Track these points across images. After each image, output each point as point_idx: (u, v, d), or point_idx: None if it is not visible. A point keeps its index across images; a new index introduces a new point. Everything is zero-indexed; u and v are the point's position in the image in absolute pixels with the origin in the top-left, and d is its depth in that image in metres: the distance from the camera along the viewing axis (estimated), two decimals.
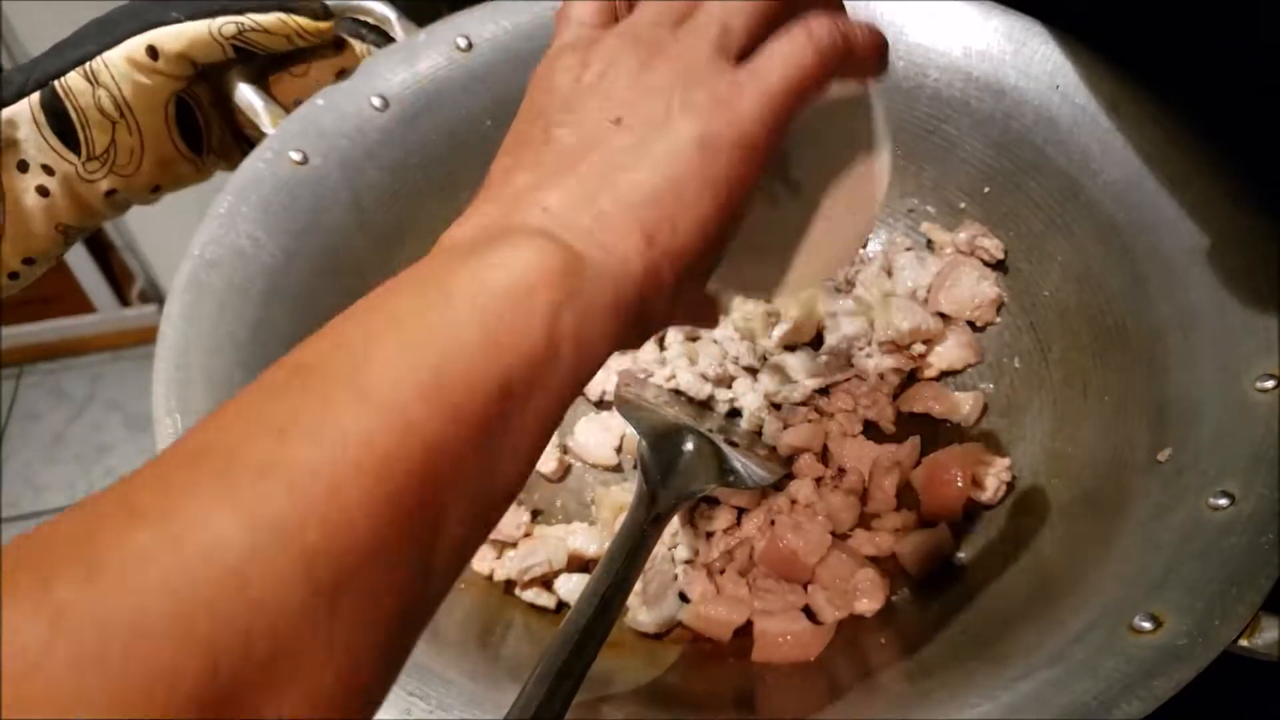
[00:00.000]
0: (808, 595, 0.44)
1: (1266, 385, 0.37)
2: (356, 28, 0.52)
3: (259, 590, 0.16)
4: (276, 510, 0.17)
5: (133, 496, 0.17)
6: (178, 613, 0.15)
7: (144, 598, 0.15)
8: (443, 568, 0.20)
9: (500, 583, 0.46)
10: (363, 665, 0.18)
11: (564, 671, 0.33)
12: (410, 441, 0.19)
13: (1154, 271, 0.44)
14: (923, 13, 0.52)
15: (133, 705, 0.14)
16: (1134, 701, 0.30)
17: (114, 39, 0.46)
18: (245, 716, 0.16)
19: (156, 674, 0.15)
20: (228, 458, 0.18)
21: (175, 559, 0.16)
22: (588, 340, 0.23)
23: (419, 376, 0.20)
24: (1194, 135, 0.44)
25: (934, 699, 0.34)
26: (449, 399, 0.20)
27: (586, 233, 0.24)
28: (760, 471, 0.45)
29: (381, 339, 0.20)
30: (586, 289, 0.23)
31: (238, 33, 0.46)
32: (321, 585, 0.17)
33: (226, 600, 0.16)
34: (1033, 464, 0.46)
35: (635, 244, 0.24)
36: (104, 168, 0.48)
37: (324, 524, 0.17)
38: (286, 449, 0.18)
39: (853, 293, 0.54)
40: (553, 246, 0.23)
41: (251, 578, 0.16)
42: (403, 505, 0.18)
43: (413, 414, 0.19)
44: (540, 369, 0.22)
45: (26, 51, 1.22)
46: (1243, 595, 0.32)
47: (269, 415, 0.19)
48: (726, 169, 0.25)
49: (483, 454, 0.20)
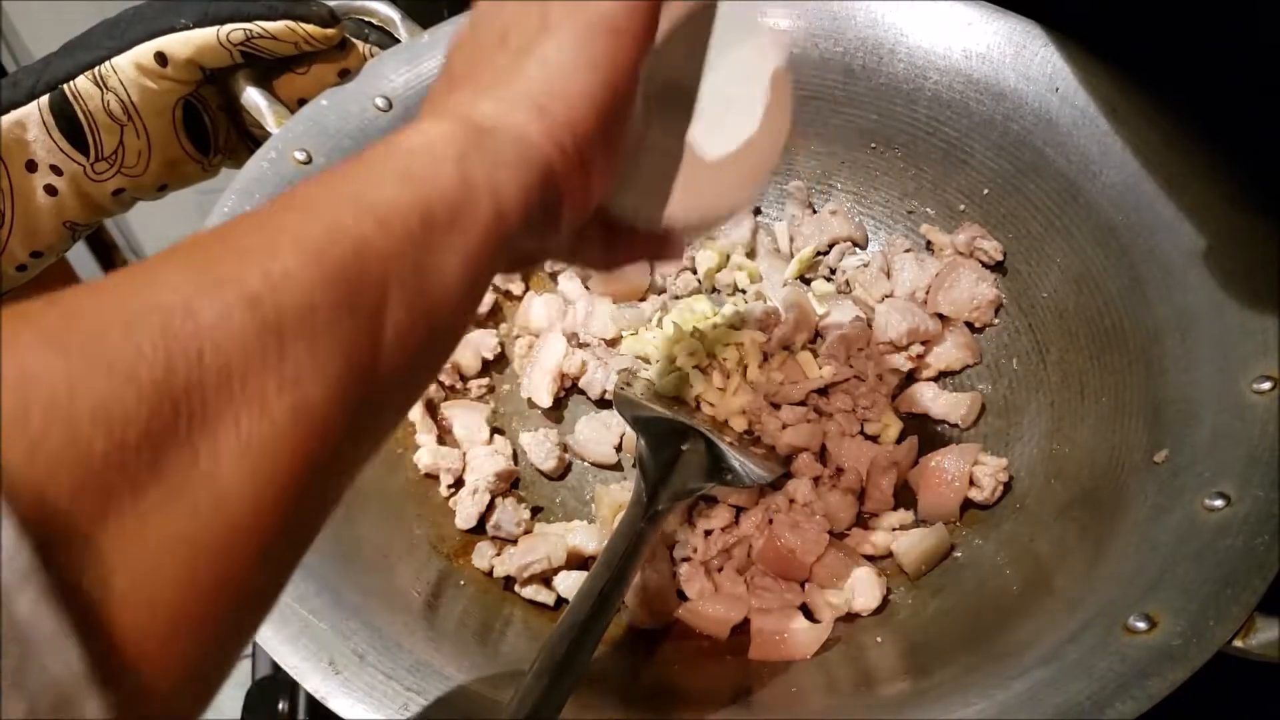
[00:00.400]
0: (805, 593, 0.44)
1: (1263, 387, 0.37)
2: (361, 28, 0.53)
3: (208, 318, 0.19)
4: (221, 267, 0.20)
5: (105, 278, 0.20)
6: (134, 332, 0.18)
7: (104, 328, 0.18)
8: (390, 348, 0.23)
9: (500, 579, 0.46)
10: (316, 405, 0.20)
11: (562, 667, 0.33)
12: (342, 238, 0.22)
13: (1152, 273, 0.44)
14: (923, 16, 0.52)
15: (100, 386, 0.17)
16: (1128, 701, 0.31)
17: (123, 44, 0.46)
18: (208, 416, 0.18)
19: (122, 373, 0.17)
20: (187, 248, 0.21)
21: (131, 301, 0.19)
22: (503, 189, 0.26)
23: (345, 200, 0.23)
24: (1192, 138, 0.45)
25: (930, 697, 0.34)
26: (374, 214, 0.23)
27: (487, 114, 0.28)
28: (758, 470, 0.45)
29: (318, 190, 0.24)
30: (489, 144, 0.27)
31: (245, 39, 0.47)
32: (266, 322, 0.19)
33: (179, 322, 0.18)
34: (1030, 464, 0.46)
35: (529, 114, 0.28)
36: (112, 168, 0.48)
37: (265, 276, 0.20)
38: (230, 238, 0.21)
39: (852, 293, 0.54)
40: (455, 120, 0.27)
41: (200, 309, 0.19)
42: (339, 276, 0.21)
43: (343, 220, 0.22)
44: (458, 207, 0.25)
45: (27, 51, 1.23)
46: (1238, 596, 0.32)
47: (224, 230, 0.22)
48: (603, 49, 0.29)
49: (412, 258, 0.24)
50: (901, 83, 0.53)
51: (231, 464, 0.18)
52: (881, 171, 0.56)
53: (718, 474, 0.45)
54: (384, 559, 0.43)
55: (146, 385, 0.17)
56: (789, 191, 0.58)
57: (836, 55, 0.54)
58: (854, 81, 0.54)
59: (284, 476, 0.19)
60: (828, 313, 0.53)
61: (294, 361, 0.20)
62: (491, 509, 0.48)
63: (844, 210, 0.57)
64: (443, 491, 0.49)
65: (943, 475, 0.46)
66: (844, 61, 0.54)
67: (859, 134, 0.55)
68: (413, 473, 0.49)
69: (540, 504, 0.50)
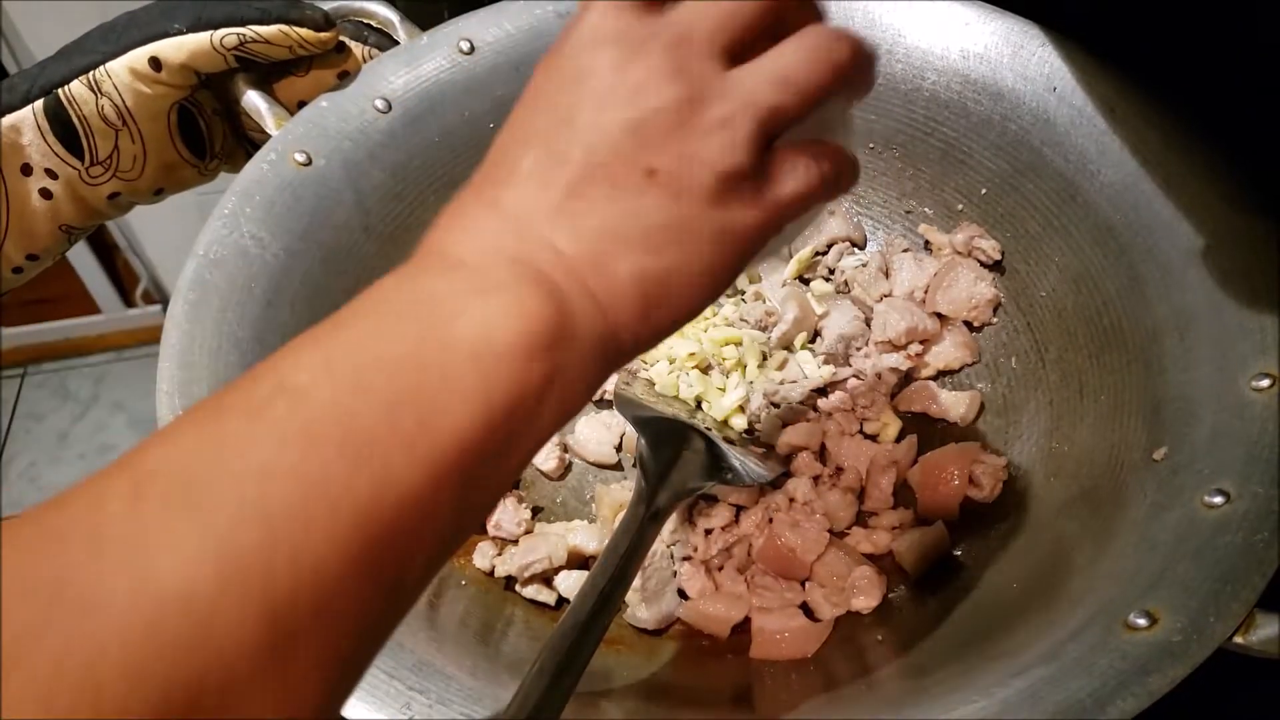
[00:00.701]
0: (805, 592, 0.44)
1: (1262, 385, 0.38)
2: (360, 30, 0.53)
3: (220, 639, 0.16)
4: (247, 547, 0.17)
5: (104, 527, 0.17)
6: (134, 660, 0.16)
7: (102, 640, 0.15)
8: (402, 602, 0.21)
9: (501, 579, 0.46)
10: (308, 701, 0.18)
11: (563, 667, 0.33)
12: (388, 492, 0.19)
13: (1151, 272, 0.44)
14: (920, 15, 0.52)
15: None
16: (1129, 699, 0.30)
17: (117, 49, 0.46)
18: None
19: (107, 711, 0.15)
20: (204, 487, 0.18)
21: (139, 601, 0.16)
22: (567, 400, 0.23)
23: (405, 426, 0.20)
24: (1191, 137, 0.45)
25: (930, 696, 0.34)
26: (431, 454, 0.20)
27: (591, 292, 0.24)
28: (758, 469, 0.46)
29: (372, 378, 0.20)
30: (576, 351, 0.23)
31: (239, 44, 0.47)
32: (281, 628, 0.17)
33: (186, 648, 0.16)
34: (1029, 463, 0.46)
35: (632, 315, 0.25)
36: (107, 172, 0.48)
37: (293, 566, 0.17)
38: (265, 486, 0.18)
39: (850, 293, 0.55)
40: (554, 308, 0.23)
41: (215, 626, 0.16)
42: (372, 549, 0.19)
43: (395, 465, 0.19)
44: (520, 426, 0.22)
45: (28, 51, 1.23)
46: (1237, 593, 0.32)
47: (251, 454, 0.18)
48: (727, 262, 0.26)
49: (455, 504, 0.21)
50: (899, 83, 0.53)
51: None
52: (880, 171, 0.56)
53: (718, 473, 0.45)
54: None
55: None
56: None
57: None
58: None
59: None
60: (827, 312, 0.53)
61: (297, 667, 0.18)
62: (492, 509, 0.48)
63: (842, 210, 0.57)
64: None
65: (942, 474, 0.46)
66: None
67: (857, 134, 0.55)
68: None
69: (541, 504, 0.50)
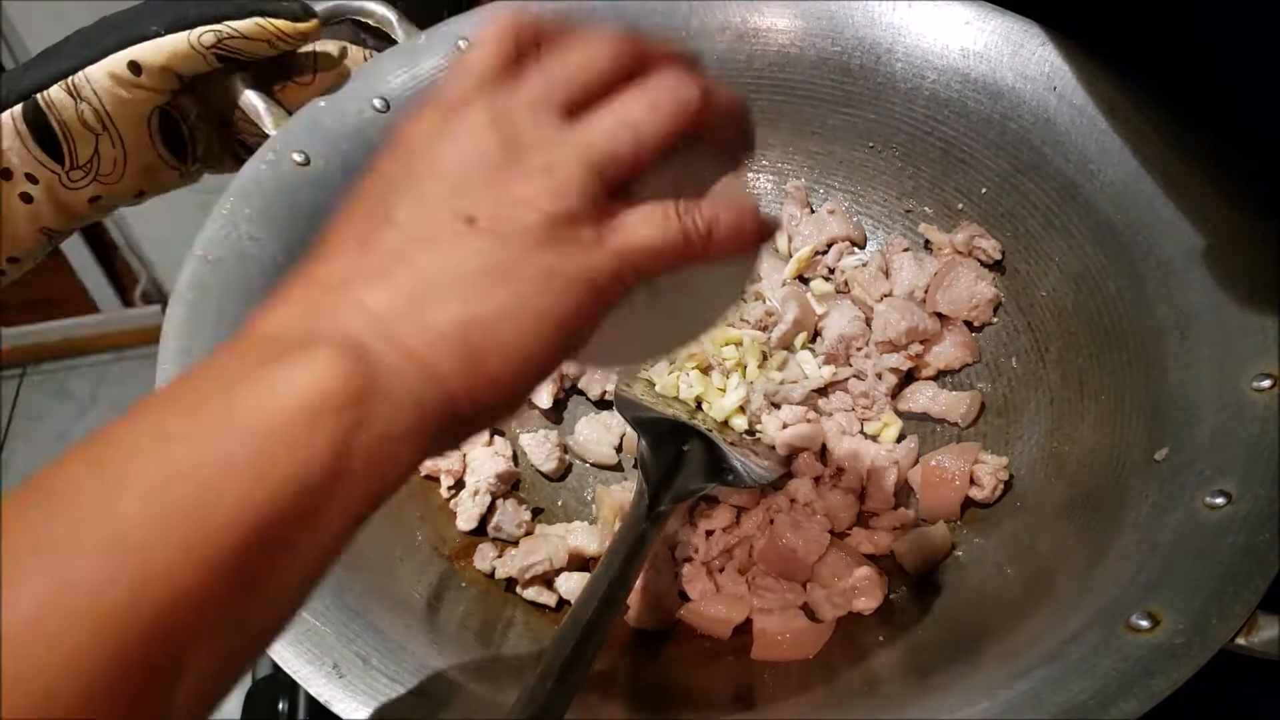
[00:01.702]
0: (806, 593, 0.44)
1: (1263, 385, 0.38)
2: (358, 31, 0.53)
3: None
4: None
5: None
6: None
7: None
8: (192, 696, 0.19)
9: (501, 581, 0.46)
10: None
11: (566, 669, 0.33)
12: (148, 592, 0.18)
13: (1151, 272, 0.44)
14: (920, 15, 0.52)
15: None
16: (1131, 700, 0.30)
17: (96, 53, 0.46)
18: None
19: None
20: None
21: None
22: (385, 462, 0.21)
23: (170, 516, 0.18)
24: (1191, 136, 0.45)
25: (932, 696, 0.34)
26: (203, 545, 0.18)
27: (404, 347, 0.22)
28: (759, 470, 0.45)
29: (144, 463, 0.19)
30: (385, 411, 0.21)
31: (217, 41, 0.46)
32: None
33: None
34: (1030, 463, 0.46)
35: (456, 366, 0.22)
36: (87, 176, 0.48)
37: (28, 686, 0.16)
38: (10, 592, 0.17)
39: (850, 293, 0.55)
40: (350, 367, 0.21)
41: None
42: (129, 660, 0.17)
43: (156, 560, 0.18)
44: (320, 498, 0.20)
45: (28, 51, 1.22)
46: (1239, 594, 0.32)
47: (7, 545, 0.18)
48: (567, 309, 0.24)
49: (238, 600, 0.19)
50: (899, 82, 0.53)
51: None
52: (879, 171, 0.56)
53: (719, 474, 0.45)
54: (386, 561, 0.43)
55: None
56: (787, 191, 0.58)
57: (834, 55, 0.54)
58: (852, 81, 0.54)
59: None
60: (827, 312, 0.53)
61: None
62: (492, 510, 0.48)
63: (842, 210, 0.57)
64: (443, 493, 0.49)
65: (943, 474, 0.46)
66: (842, 61, 0.54)
67: (857, 133, 0.55)
68: (413, 474, 0.49)
69: (541, 505, 0.50)
